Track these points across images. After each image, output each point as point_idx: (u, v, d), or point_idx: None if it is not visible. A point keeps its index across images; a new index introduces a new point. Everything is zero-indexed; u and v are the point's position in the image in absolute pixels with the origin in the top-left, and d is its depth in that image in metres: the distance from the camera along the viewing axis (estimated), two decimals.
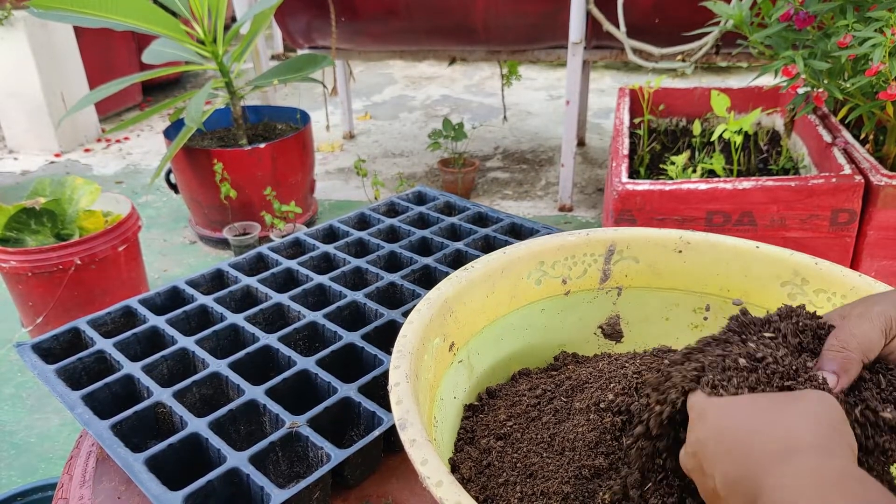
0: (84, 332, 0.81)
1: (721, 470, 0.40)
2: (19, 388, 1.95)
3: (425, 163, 3.45)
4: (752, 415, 0.42)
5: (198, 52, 2.50)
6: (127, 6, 2.18)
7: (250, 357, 0.77)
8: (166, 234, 2.84)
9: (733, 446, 0.40)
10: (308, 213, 2.84)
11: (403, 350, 0.53)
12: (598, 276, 0.69)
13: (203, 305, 0.86)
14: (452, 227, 1.07)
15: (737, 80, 4.51)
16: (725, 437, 0.41)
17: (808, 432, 0.40)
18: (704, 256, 0.67)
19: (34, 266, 1.85)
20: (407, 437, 0.45)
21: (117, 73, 4.00)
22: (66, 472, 0.71)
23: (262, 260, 0.99)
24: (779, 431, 0.40)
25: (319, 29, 2.92)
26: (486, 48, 2.95)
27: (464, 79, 4.92)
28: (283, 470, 0.66)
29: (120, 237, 1.97)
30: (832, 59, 1.42)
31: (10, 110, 3.64)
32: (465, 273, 0.63)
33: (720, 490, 0.40)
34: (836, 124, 1.73)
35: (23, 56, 3.43)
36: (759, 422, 0.41)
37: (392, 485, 0.67)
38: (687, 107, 2.16)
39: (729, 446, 0.41)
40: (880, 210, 1.45)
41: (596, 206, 2.95)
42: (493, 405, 0.64)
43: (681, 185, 1.49)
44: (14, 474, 1.66)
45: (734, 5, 1.55)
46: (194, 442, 0.65)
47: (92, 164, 3.61)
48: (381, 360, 0.75)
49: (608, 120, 3.96)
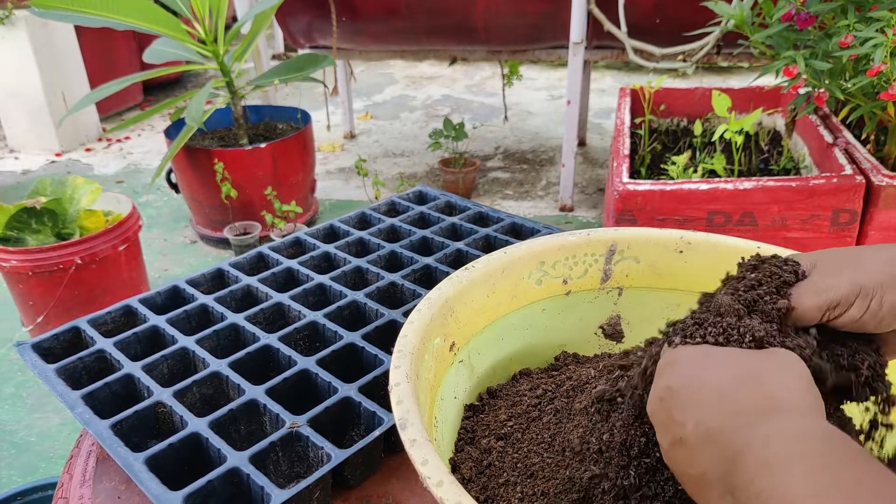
0: (84, 332, 0.81)
1: (696, 418, 0.39)
2: (20, 388, 1.95)
3: (426, 163, 3.45)
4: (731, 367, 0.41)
5: (199, 52, 2.50)
6: (128, 6, 2.18)
7: (251, 357, 0.77)
8: (167, 234, 2.84)
9: (712, 397, 0.39)
10: (309, 212, 2.84)
11: (404, 350, 0.53)
12: (598, 277, 0.69)
13: (203, 305, 0.86)
14: (453, 226, 1.06)
15: (738, 81, 4.51)
16: (703, 387, 0.40)
17: (790, 392, 0.39)
18: (705, 257, 0.67)
19: (35, 265, 1.85)
20: (407, 437, 0.45)
21: (118, 73, 4.00)
22: (67, 472, 0.71)
23: (263, 259, 0.99)
24: (763, 388, 0.39)
25: (320, 29, 2.92)
26: (486, 48, 2.95)
27: (465, 79, 4.92)
28: (283, 470, 0.66)
29: (120, 237, 1.97)
30: (833, 59, 1.42)
31: (11, 110, 3.65)
32: (466, 273, 0.63)
33: (691, 439, 0.39)
34: (838, 124, 1.72)
35: (24, 55, 3.44)
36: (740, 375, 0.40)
37: (392, 485, 0.67)
38: (688, 107, 2.15)
39: (707, 395, 0.39)
40: (881, 210, 1.45)
41: (597, 206, 2.95)
42: (494, 405, 0.63)
43: (682, 185, 1.49)
44: (14, 473, 1.66)
45: (735, 5, 1.55)
46: (194, 441, 0.65)
47: (93, 163, 3.61)
48: (382, 359, 0.75)
49: (609, 120, 3.96)
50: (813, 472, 0.32)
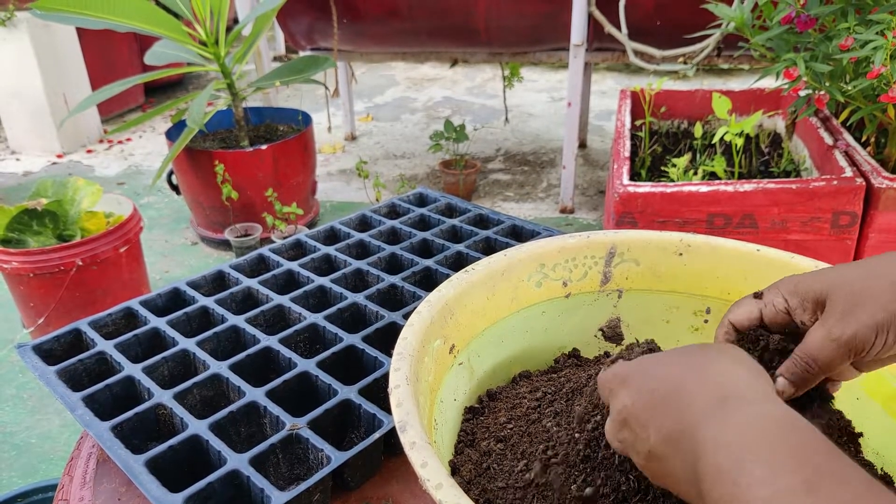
0: (85, 334, 0.81)
1: (656, 426, 0.38)
2: (20, 389, 1.96)
3: (427, 164, 3.45)
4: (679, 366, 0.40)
5: (200, 54, 2.50)
6: (129, 8, 2.19)
7: (251, 359, 0.77)
8: (168, 236, 2.84)
9: (665, 400, 0.38)
10: (309, 214, 2.84)
11: (404, 352, 0.53)
12: (598, 279, 0.69)
13: (204, 307, 0.86)
14: (453, 228, 1.07)
15: (738, 83, 4.51)
16: (655, 393, 0.39)
17: (739, 378, 0.38)
18: (705, 259, 0.67)
19: (36, 267, 1.85)
20: (407, 440, 0.45)
21: (119, 75, 4.01)
22: (67, 474, 0.71)
23: (264, 261, 0.99)
24: (711, 378, 0.38)
25: (321, 30, 2.92)
26: (487, 50, 2.95)
27: (465, 80, 4.92)
28: (283, 472, 0.66)
29: (121, 238, 1.97)
30: (834, 61, 1.42)
31: (12, 111, 3.65)
32: (466, 275, 0.63)
33: (658, 448, 0.38)
34: (838, 127, 1.72)
35: (25, 57, 3.44)
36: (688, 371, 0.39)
37: (392, 487, 0.67)
38: (688, 109, 2.16)
39: (660, 400, 0.38)
40: (881, 213, 1.45)
41: (597, 208, 2.95)
42: (494, 407, 0.64)
43: (682, 187, 1.49)
44: (14, 475, 1.66)
45: (736, 7, 1.55)
46: (195, 443, 0.65)
47: (94, 165, 3.61)
48: (382, 362, 0.75)
49: (609, 122, 3.96)
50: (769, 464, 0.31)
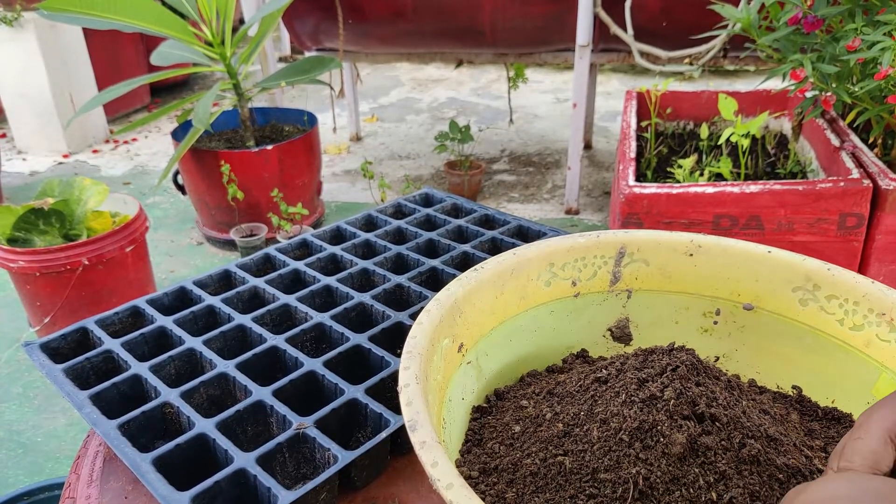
0: (92, 332, 0.81)
1: None
2: (27, 388, 1.96)
3: (432, 165, 3.45)
4: None
5: (206, 54, 2.51)
6: (135, 8, 2.19)
7: (258, 358, 0.77)
8: (173, 235, 2.84)
9: None
10: (315, 214, 2.84)
11: (413, 351, 0.53)
12: (608, 279, 0.69)
13: (210, 306, 0.86)
14: (459, 229, 1.06)
15: (744, 84, 4.50)
16: None
17: None
18: (716, 260, 0.67)
19: (42, 266, 1.86)
20: (417, 439, 0.45)
21: (126, 75, 4.03)
22: (74, 472, 0.71)
23: (270, 261, 0.99)
24: None
25: (327, 31, 2.93)
26: (493, 51, 2.95)
27: (470, 81, 4.92)
28: (289, 471, 0.66)
29: (127, 238, 1.98)
30: (841, 62, 1.42)
31: (19, 111, 3.66)
32: (476, 273, 0.63)
33: None
34: (845, 128, 1.72)
35: (32, 57, 3.45)
36: None
37: (399, 486, 0.67)
38: (694, 110, 2.15)
39: None
40: (888, 214, 1.44)
41: (602, 209, 2.95)
42: (501, 407, 0.63)
43: (688, 188, 1.49)
44: (21, 473, 1.66)
45: (742, 8, 1.55)
46: (202, 442, 0.65)
47: (100, 164, 3.62)
48: (388, 361, 0.75)
49: (615, 123, 3.95)
50: None
